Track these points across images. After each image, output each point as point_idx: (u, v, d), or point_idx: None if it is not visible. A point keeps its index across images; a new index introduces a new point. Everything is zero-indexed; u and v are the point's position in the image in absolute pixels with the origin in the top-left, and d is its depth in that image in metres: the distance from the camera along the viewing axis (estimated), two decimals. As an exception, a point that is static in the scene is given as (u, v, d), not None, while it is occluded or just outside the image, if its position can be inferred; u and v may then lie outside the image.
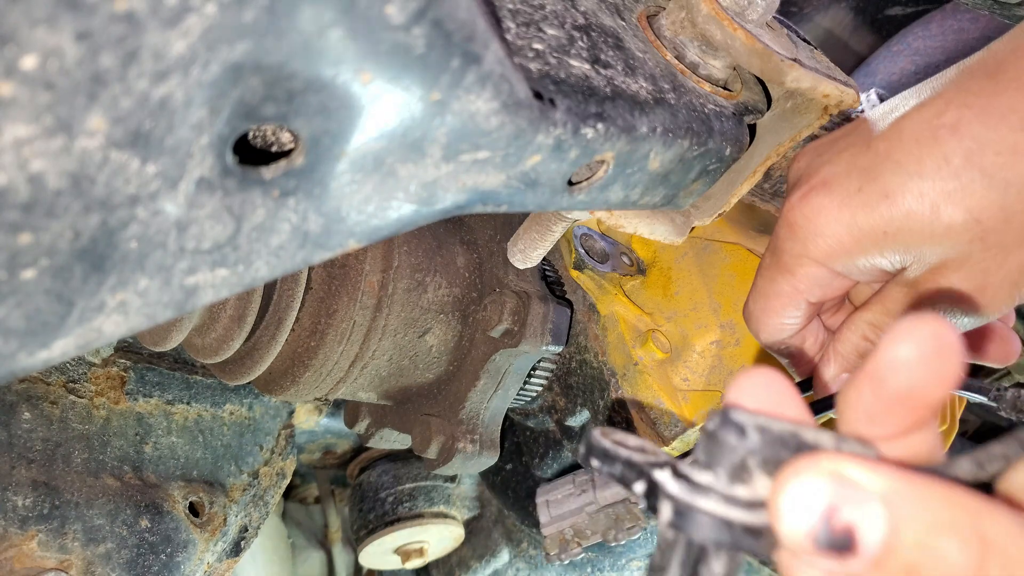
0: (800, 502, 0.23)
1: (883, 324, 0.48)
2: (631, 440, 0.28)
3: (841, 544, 0.23)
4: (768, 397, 0.27)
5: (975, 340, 0.52)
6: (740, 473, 0.24)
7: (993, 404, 0.49)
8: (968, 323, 0.45)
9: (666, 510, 0.25)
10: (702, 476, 0.25)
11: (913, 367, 0.24)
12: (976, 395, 0.51)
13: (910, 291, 0.45)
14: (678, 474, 0.25)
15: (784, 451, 0.24)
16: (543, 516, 0.62)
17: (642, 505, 0.26)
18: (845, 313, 0.53)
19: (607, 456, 0.27)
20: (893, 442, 0.27)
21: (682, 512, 0.24)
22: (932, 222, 0.42)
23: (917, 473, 0.24)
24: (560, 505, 0.62)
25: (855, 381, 0.26)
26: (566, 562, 0.61)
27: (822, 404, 0.50)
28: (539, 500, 0.63)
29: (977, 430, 1.56)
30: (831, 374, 0.51)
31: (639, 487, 0.26)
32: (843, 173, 0.45)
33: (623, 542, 0.59)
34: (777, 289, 0.48)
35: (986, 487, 0.26)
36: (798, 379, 0.53)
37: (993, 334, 0.52)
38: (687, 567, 0.25)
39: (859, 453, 0.25)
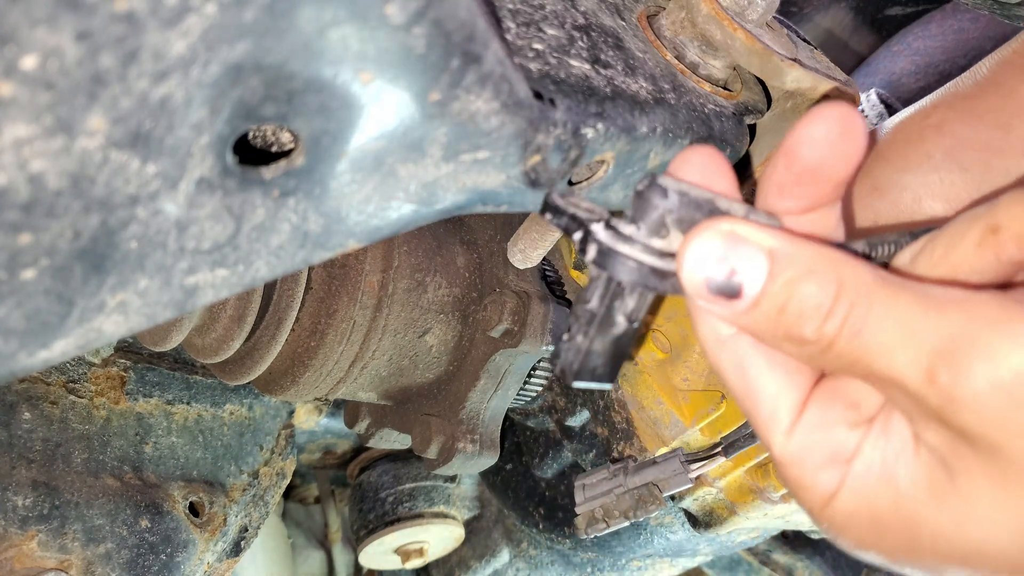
0: (699, 253, 0.28)
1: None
2: (584, 203, 0.31)
3: (729, 290, 0.28)
4: (704, 171, 0.31)
5: None
6: (659, 228, 0.29)
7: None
8: None
9: (592, 251, 0.29)
10: (627, 228, 0.29)
11: (822, 144, 0.29)
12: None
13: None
14: (609, 226, 0.29)
15: (698, 214, 0.29)
16: (578, 498, 0.69)
17: (578, 250, 0.31)
18: None
19: (557, 210, 0.31)
20: (799, 216, 0.31)
21: (605, 253, 0.29)
22: (915, 213, 0.44)
23: (799, 235, 0.29)
24: (593, 489, 0.69)
25: (772, 158, 0.31)
26: (592, 536, 0.68)
27: None
28: (576, 484, 0.69)
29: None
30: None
31: (577, 236, 0.30)
32: None
33: (641, 519, 0.65)
34: None
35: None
36: None
37: None
38: (605, 300, 0.30)
39: (764, 222, 0.30)
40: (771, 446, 0.33)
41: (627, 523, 0.66)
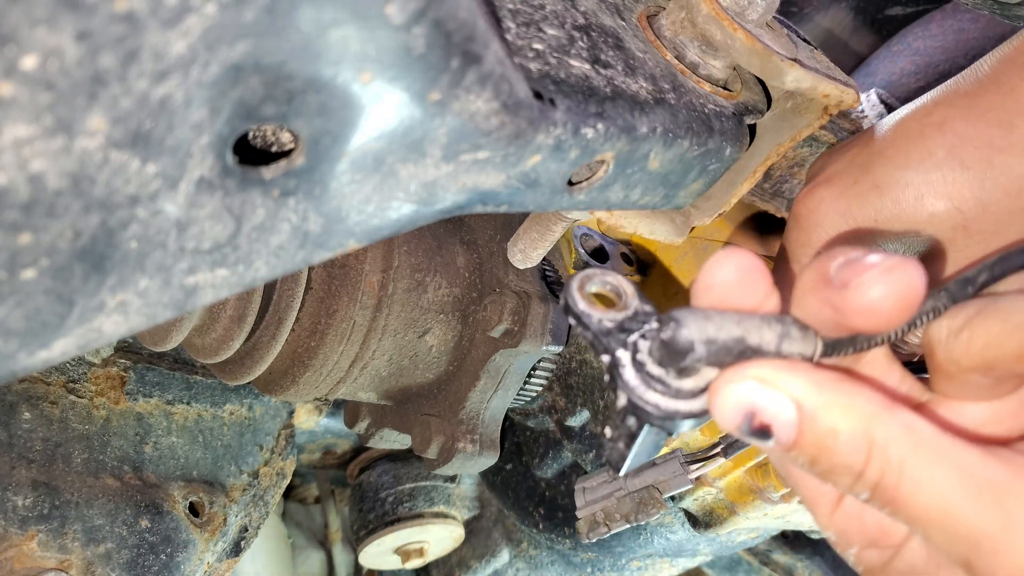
0: (729, 403, 0.28)
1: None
2: (602, 313, 0.31)
3: (761, 435, 0.29)
4: (736, 283, 0.30)
5: None
6: (688, 371, 0.29)
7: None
8: None
9: (622, 398, 0.30)
10: (656, 369, 0.29)
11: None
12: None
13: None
14: (636, 361, 0.30)
15: (728, 356, 0.29)
16: (579, 501, 0.69)
17: (606, 380, 0.31)
18: None
19: (580, 321, 0.31)
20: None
21: (636, 404, 0.29)
22: (917, 211, 0.44)
23: (832, 375, 0.29)
24: (593, 492, 0.69)
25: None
26: (594, 540, 0.68)
27: None
28: (576, 487, 0.69)
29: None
30: None
31: (604, 359, 0.30)
32: (844, 168, 0.48)
33: (643, 522, 0.65)
34: (783, 279, 0.50)
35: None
36: None
37: None
38: (634, 416, 0.30)
39: (797, 351, 0.29)
40: (816, 520, 0.34)
41: (628, 526, 0.66)
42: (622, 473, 0.32)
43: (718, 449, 0.63)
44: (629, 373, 0.30)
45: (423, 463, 0.82)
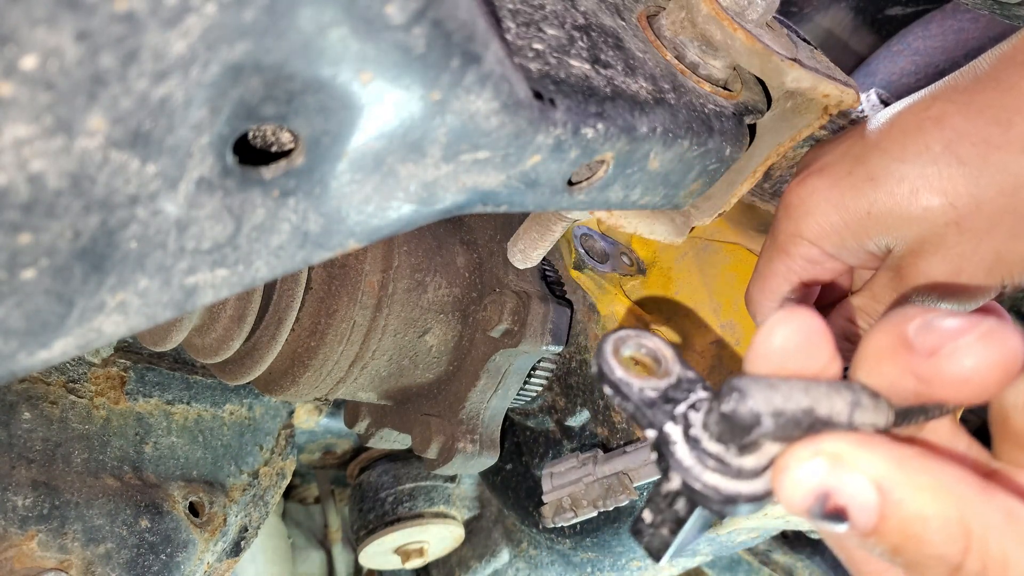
0: (799, 485, 0.25)
1: (869, 308, 0.50)
2: (637, 375, 0.28)
3: (835, 518, 0.25)
4: (799, 344, 0.26)
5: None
6: (750, 448, 0.25)
7: None
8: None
9: (675, 480, 0.26)
10: (713, 446, 0.26)
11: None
12: None
13: (895, 276, 0.47)
14: (690, 437, 0.26)
15: (796, 430, 0.25)
16: (546, 486, 0.67)
17: (655, 457, 0.27)
18: None
19: (619, 391, 0.27)
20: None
21: (691, 485, 0.26)
22: (911, 204, 0.44)
23: (914, 450, 0.25)
24: (561, 477, 0.67)
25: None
26: (559, 525, 0.66)
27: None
28: (544, 472, 0.68)
29: (976, 431, 1.56)
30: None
31: (650, 433, 0.27)
32: (837, 159, 0.47)
33: (610, 508, 0.63)
34: (772, 269, 0.50)
35: None
36: None
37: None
38: (687, 502, 0.27)
39: (870, 422, 0.26)
40: None
41: (595, 513, 0.65)
42: (662, 563, 0.28)
43: None
44: (682, 451, 0.26)
45: (423, 463, 0.82)
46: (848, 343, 0.51)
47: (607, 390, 0.28)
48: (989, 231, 0.43)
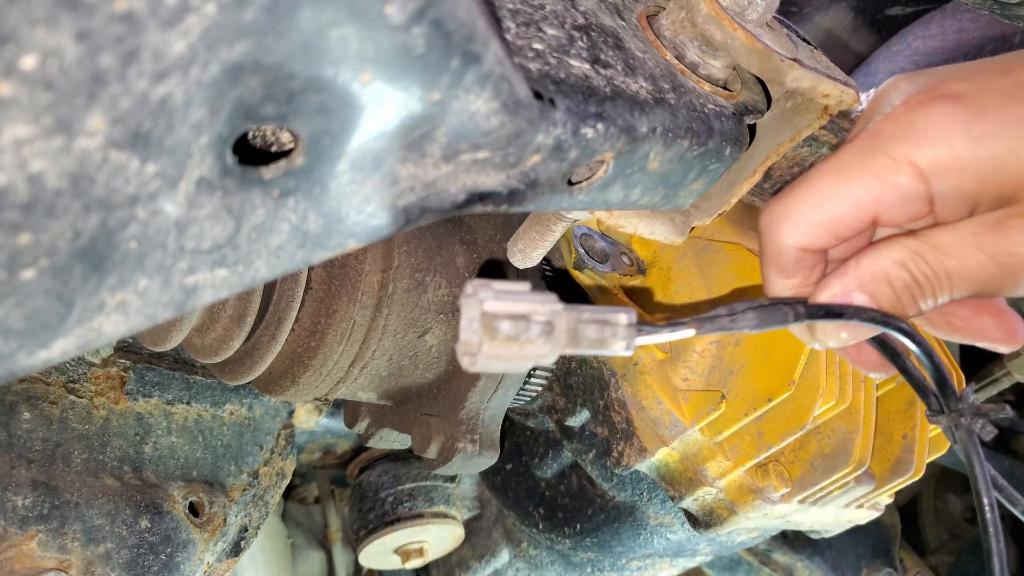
0: None
1: (928, 256, 0.43)
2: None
3: None
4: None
5: (976, 319, 0.48)
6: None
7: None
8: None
9: None
10: None
11: None
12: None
13: (986, 234, 0.42)
14: None
15: None
16: (469, 312, 0.38)
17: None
18: None
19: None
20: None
21: None
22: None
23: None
24: (504, 300, 0.39)
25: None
26: (470, 368, 0.35)
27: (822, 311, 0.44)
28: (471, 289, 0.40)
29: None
30: (841, 287, 0.44)
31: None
32: (981, 91, 0.41)
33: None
34: (850, 187, 0.42)
35: None
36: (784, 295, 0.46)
37: (997, 312, 0.48)
38: None
39: None
40: None
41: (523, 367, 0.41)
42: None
43: (688, 320, 0.42)
44: None
45: (423, 463, 0.82)
46: (889, 288, 0.44)
47: None
48: None
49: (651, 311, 0.73)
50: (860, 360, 0.51)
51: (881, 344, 0.48)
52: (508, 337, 0.32)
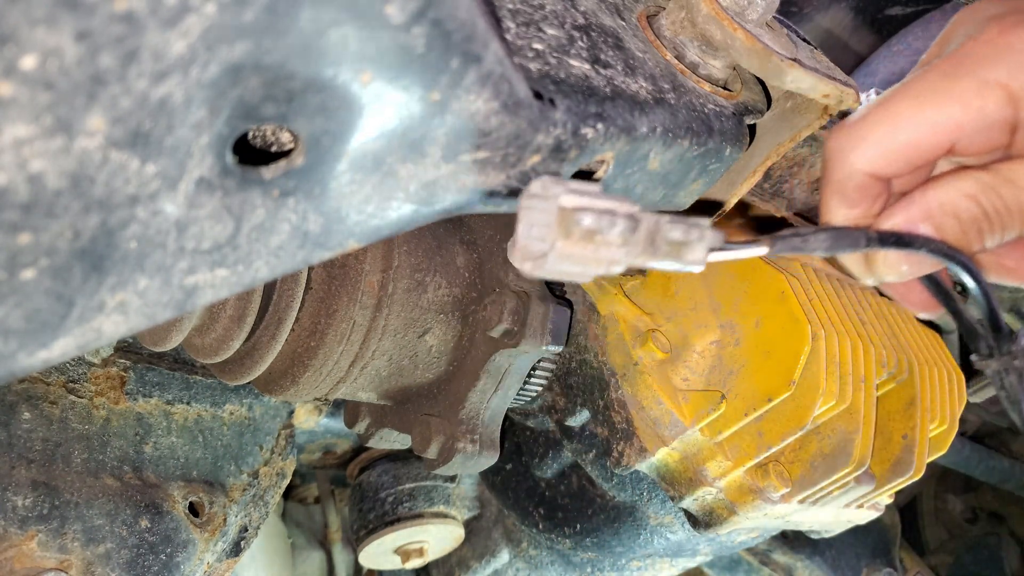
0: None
1: (1003, 190, 0.41)
2: None
3: None
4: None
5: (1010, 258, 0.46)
6: None
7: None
8: None
9: None
10: None
11: None
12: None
13: None
14: None
15: None
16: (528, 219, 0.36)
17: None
18: None
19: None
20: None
21: None
22: None
23: None
24: (583, 196, 0.35)
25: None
26: (534, 275, 0.34)
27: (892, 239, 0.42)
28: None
29: (977, 431, 1.57)
30: (906, 217, 0.42)
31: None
32: None
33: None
34: (930, 111, 0.40)
35: None
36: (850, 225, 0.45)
37: None
38: None
39: None
40: None
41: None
42: None
43: (762, 238, 0.41)
44: None
45: (423, 463, 0.82)
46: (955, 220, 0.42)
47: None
48: None
49: (651, 311, 0.73)
50: (910, 299, 0.50)
51: (934, 283, 0.46)
52: (588, 233, 0.29)
